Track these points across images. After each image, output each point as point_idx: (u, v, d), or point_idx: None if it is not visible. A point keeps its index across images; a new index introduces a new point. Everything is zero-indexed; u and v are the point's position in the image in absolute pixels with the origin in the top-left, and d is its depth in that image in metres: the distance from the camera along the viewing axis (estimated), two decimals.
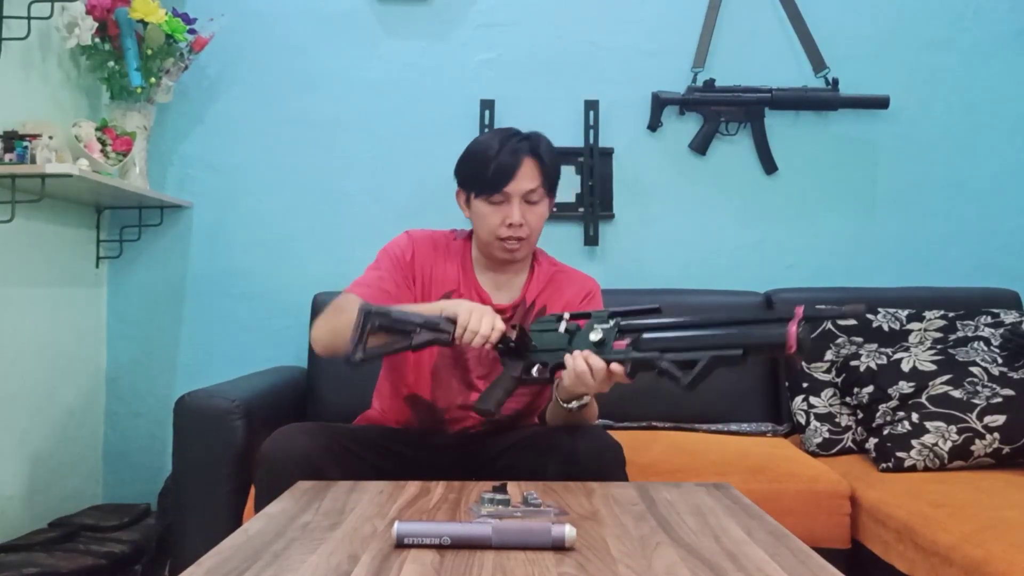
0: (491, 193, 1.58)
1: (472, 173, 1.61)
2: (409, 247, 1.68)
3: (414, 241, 1.69)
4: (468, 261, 1.70)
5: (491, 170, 1.57)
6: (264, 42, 2.57)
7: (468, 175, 1.63)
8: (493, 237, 1.61)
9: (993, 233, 2.58)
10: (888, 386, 1.96)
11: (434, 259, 1.68)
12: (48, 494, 2.23)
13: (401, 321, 1.41)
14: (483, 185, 1.59)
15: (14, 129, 1.98)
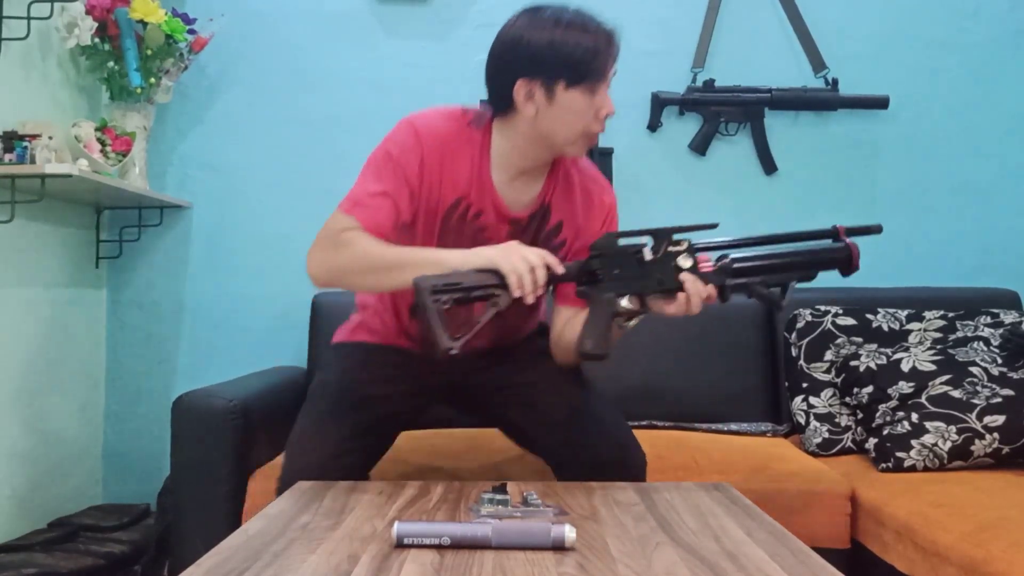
0: (595, 80, 1.36)
1: (567, 58, 1.34)
2: (416, 151, 1.40)
3: (422, 142, 1.40)
4: (485, 158, 1.44)
5: (596, 53, 1.35)
6: (264, 42, 2.57)
7: (560, 62, 1.34)
8: (582, 133, 1.40)
9: (993, 233, 2.58)
10: (888, 386, 1.96)
11: (443, 159, 1.42)
12: (48, 494, 2.23)
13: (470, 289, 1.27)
14: (584, 72, 1.35)
15: (14, 129, 1.98)
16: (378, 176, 1.41)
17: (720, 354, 2.30)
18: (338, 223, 1.41)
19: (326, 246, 1.41)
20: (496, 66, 1.40)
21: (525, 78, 1.36)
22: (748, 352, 2.32)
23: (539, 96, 1.37)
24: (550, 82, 1.36)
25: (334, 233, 1.40)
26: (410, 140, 1.40)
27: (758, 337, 2.34)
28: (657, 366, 2.29)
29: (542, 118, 1.38)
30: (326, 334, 2.32)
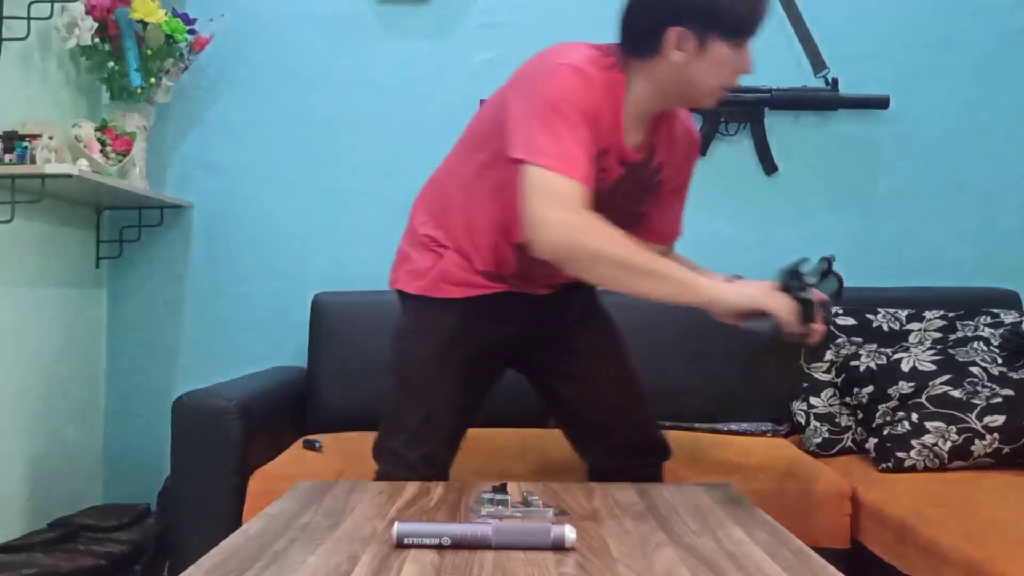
0: (747, 36, 1.38)
1: (726, 12, 1.34)
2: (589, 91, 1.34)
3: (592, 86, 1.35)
4: (620, 102, 1.40)
5: (754, 10, 1.36)
6: (264, 42, 2.57)
7: (719, 15, 1.34)
8: (719, 86, 1.40)
9: (993, 233, 2.58)
10: (888, 386, 1.96)
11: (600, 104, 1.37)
12: (48, 494, 2.23)
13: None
14: (739, 27, 1.35)
15: (14, 129, 1.98)
16: (568, 126, 1.31)
17: (720, 355, 2.30)
18: (563, 187, 1.27)
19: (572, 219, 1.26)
20: (645, 10, 1.39)
21: (678, 26, 1.35)
22: (748, 352, 2.32)
23: (690, 45, 1.36)
24: (704, 33, 1.35)
25: (570, 203, 1.27)
26: (582, 81, 1.34)
27: (758, 337, 2.33)
28: (657, 366, 2.29)
29: (689, 66, 1.37)
30: (326, 334, 2.34)
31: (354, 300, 2.37)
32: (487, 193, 1.45)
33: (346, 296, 2.38)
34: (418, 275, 1.54)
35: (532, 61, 1.40)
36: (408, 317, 1.57)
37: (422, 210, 1.58)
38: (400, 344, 1.57)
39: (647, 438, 1.62)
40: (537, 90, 1.33)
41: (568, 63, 1.34)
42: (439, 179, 1.58)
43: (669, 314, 2.36)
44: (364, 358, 2.30)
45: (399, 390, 1.55)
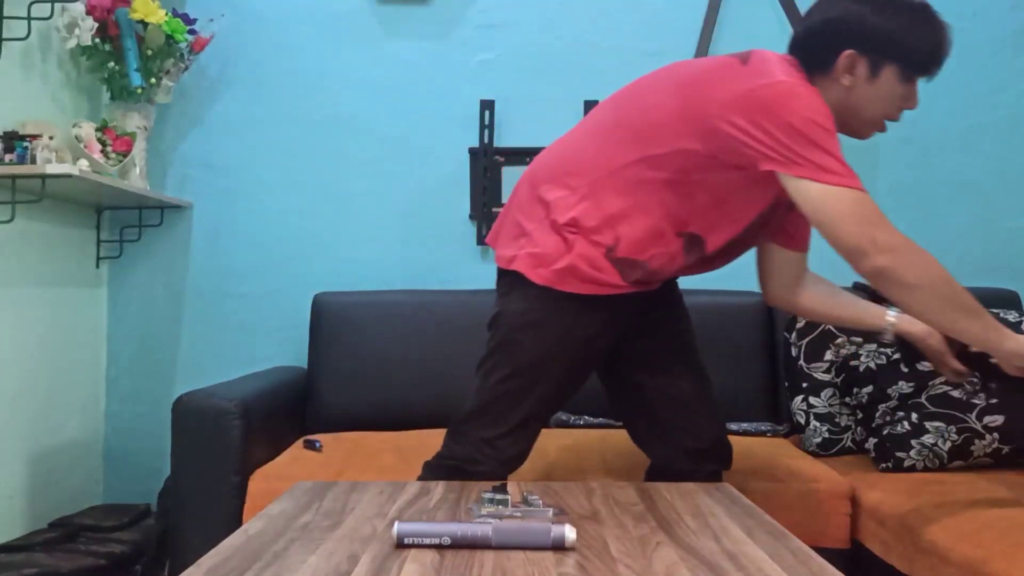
0: (925, 75, 1.39)
1: (910, 47, 1.35)
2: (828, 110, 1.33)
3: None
4: None
5: (939, 50, 1.37)
6: (264, 42, 2.58)
7: (902, 48, 1.35)
8: (881, 118, 1.40)
9: (993, 233, 2.58)
10: (888, 386, 1.96)
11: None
12: (48, 494, 2.23)
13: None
14: (920, 64, 1.37)
15: (14, 129, 1.99)
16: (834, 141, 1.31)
17: (720, 354, 2.30)
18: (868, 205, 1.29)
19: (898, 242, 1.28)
20: (828, 28, 1.38)
21: (856, 50, 1.36)
22: (748, 352, 2.32)
23: (861, 71, 1.37)
24: (879, 61, 1.36)
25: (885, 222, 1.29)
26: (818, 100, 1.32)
27: (758, 337, 2.34)
28: None
29: (856, 92, 1.38)
30: (326, 334, 2.34)
31: (354, 300, 2.37)
32: (661, 183, 1.41)
33: (346, 296, 2.38)
34: (542, 261, 1.46)
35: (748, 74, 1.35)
36: (526, 304, 1.48)
37: (557, 185, 1.47)
38: (516, 334, 1.48)
39: (716, 441, 1.59)
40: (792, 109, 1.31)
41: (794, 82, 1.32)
42: (582, 161, 1.47)
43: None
44: (364, 358, 2.30)
45: (508, 380, 1.48)
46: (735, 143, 1.34)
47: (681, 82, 1.42)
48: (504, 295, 1.52)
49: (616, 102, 1.49)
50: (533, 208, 1.49)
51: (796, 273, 1.61)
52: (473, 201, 2.56)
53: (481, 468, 1.47)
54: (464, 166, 2.57)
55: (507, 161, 2.56)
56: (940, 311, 1.30)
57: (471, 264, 2.57)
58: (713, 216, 1.43)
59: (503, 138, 2.58)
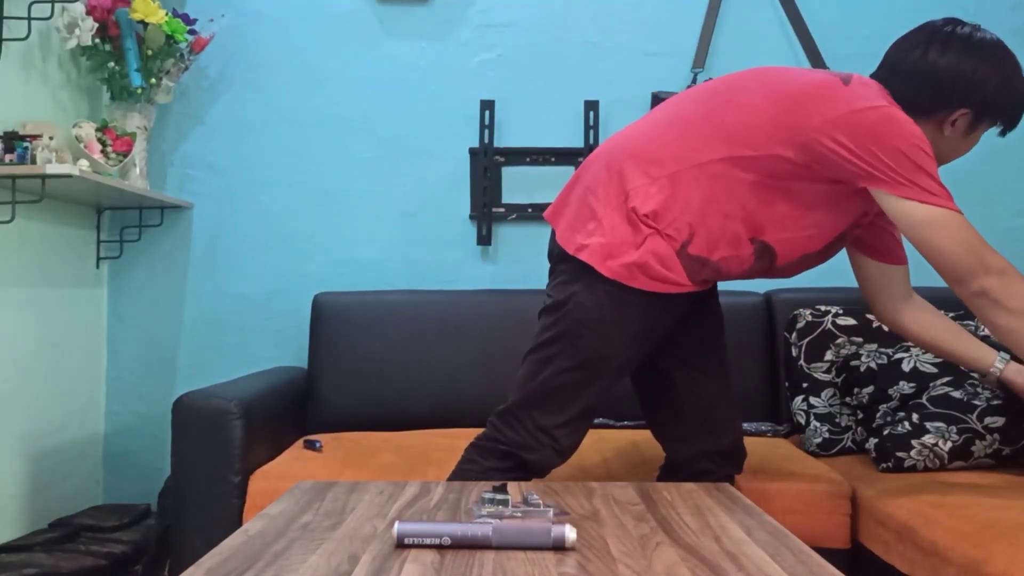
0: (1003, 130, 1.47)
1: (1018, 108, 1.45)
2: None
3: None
4: None
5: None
6: (264, 42, 2.58)
7: (1010, 113, 1.44)
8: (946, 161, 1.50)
9: (993, 233, 2.58)
10: (888, 386, 1.96)
11: None
12: (48, 494, 2.23)
13: None
14: (1007, 121, 1.45)
15: (14, 130, 1.99)
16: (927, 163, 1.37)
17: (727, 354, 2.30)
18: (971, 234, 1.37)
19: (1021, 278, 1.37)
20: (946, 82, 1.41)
21: (968, 109, 1.42)
22: (748, 352, 2.32)
23: (961, 124, 1.44)
24: (981, 120, 1.44)
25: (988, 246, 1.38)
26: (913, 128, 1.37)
27: (758, 337, 2.34)
28: None
29: (948, 141, 1.46)
30: (326, 334, 2.34)
31: (354, 300, 2.37)
32: (746, 185, 1.42)
33: (346, 296, 2.38)
34: (612, 253, 1.43)
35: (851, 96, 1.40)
36: (594, 298, 1.45)
37: (638, 172, 1.44)
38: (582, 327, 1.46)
39: (736, 444, 1.61)
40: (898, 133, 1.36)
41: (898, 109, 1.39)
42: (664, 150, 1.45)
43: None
44: (364, 358, 2.30)
45: (571, 372, 1.46)
46: (837, 159, 1.38)
47: (779, 91, 1.43)
48: (568, 283, 1.48)
49: (703, 96, 1.48)
50: (609, 191, 1.46)
51: (902, 289, 1.62)
52: (473, 201, 2.56)
53: (537, 456, 1.47)
54: (464, 166, 2.57)
55: (507, 161, 2.56)
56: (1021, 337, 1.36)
57: (471, 264, 2.57)
58: (790, 228, 1.44)
59: (503, 138, 2.58)
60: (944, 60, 1.41)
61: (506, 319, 2.33)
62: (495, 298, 2.36)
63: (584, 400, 1.48)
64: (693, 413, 1.59)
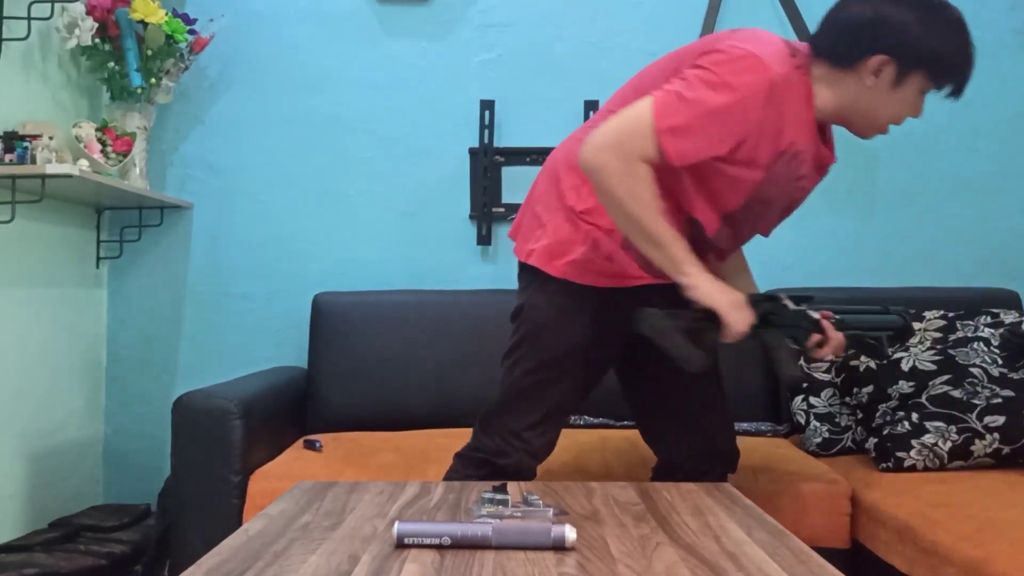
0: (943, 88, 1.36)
1: (945, 61, 1.33)
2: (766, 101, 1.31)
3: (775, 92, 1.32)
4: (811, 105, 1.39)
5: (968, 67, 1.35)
6: (264, 42, 2.58)
7: (937, 62, 1.33)
8: (889, 123, 1.39)
9: (993, 233, 2.58)
10: (888, 386, 1.96)
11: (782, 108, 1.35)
12: (48, 494, 2.23)
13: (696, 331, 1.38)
14: (947, 78, 1.35)
15: (14, 130, 1.99)
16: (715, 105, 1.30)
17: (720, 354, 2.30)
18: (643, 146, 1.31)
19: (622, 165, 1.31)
20: (866, 28, 1.34)
21: (890, 56, 1.33)
22: (748, 352, 2.32)
23: (887, 76, 1.35)
24: (908, 70, 1.34)
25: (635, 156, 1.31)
26: (764, 90, 1.31)
27: None
28: None
29: (874, 94, 1.36)
30: (326, 334, 2.34)
31: (354, 300, 2.37)
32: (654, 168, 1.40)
33: (346, 296, 2.38)
34: (556, 253, 1.47)
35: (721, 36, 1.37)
36: (546, 299, 1.49)
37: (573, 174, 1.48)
38: (538, 328, 1.50)
39: (723, 445, 1.59)
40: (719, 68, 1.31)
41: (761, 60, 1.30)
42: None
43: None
44: (364, 358, 2.30)
45: (532, 373, 1.49)
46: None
47: (668, 56, 1.43)
48: (524, 288, 1.54)
49: (622, 90, 1.50)
50: (550, 198, 1.50)
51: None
52: (473, 201, 2.56)
53: (509, 460, 1.49)
54: (464, 166, 2.57)
55: (507, 161, 2.56)
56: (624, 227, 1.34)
57: (471, 264, 2.57)
58: (704, 198, 1.42)
59: (503, 138, 2.58)
60: (864, 7, 1.36)
61: (506, 319, 2.31)
62: (495, 298, 2.36)
63: (550, 400, 1.49)
64: (684, 414, 1.59)
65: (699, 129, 1.30)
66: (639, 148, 1.31)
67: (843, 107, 1.39)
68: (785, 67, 1.33)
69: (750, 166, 1.36)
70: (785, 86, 1.33)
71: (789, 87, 1.33)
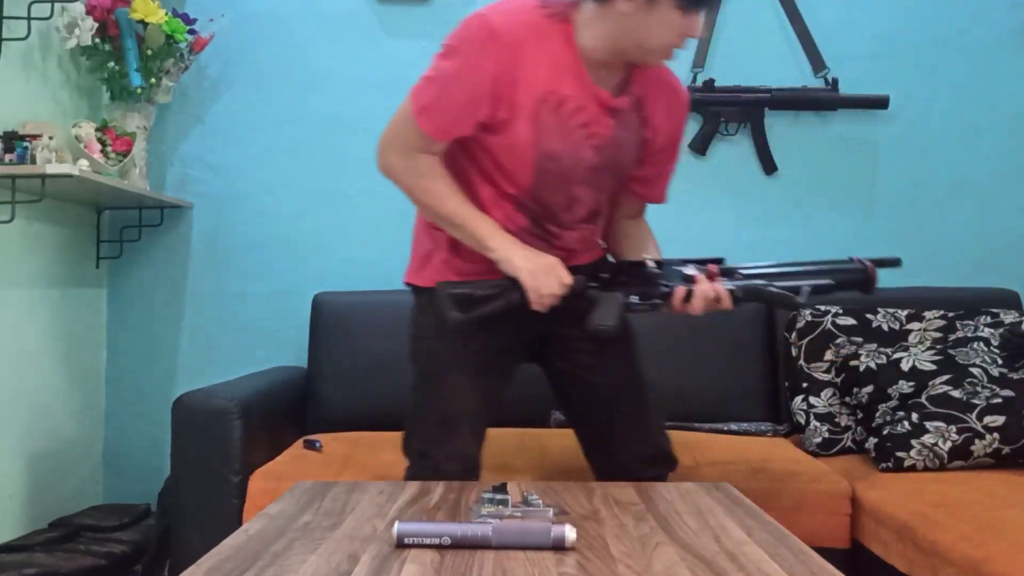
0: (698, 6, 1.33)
1: None
2: (490, 51, 1.34)
3: (497, 40, 1.34)
4: (571, 48, 1.39)
5: None
6: (264, 42, 2.58)
7: None
8: (665, 49, 1.36)
9: (993, 233, 2.58)
10: (888, 386, 1.96)
11: (521, 55, 1.35)
12: (48, 494, 2.23)
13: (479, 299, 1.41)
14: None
15: (14, 130, 1.99)
16: (449, 75, 1.39)
17: (720, 354, 2.30)
18: (410, 134, 1.43)
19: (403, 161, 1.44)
20: None
21: None
22: (748, 352, 2.32)
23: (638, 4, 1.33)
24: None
25: (410, 147, 1.43)
26: (485, 39, 1.35)
27: (758, 337, 2.34)
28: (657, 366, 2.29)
29: (635, 20, 1.34)
30: (326, 334, 2.34)
31: (354, 300, 2.37)
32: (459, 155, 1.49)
33: (346, 296, 2.38)
34: (422, 265, 1.56)
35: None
36: (416, 312, 1.57)
37: None
38: (415, 340, 1.56)
39: (654, 448, 1.59)
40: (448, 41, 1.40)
41: (481, 16, 1.36)
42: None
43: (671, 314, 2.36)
44: (364, 358, 2.30)
45: (419, 387, 1.54)
46: None
47: None
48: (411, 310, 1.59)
49: None
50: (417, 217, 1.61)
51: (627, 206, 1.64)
52: None
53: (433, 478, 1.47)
54: None
55: None
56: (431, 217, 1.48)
57: None
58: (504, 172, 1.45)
59: None
60: None
61: None
62: None
63: (440, 408, 1.50)
64: (600, 421, 1.58)
65: (444, 100, 1.39)
66: (411, 139, 1.42)
67: (614, 41, 1.37)
68: (522, 16, 1.36)
69: (513, 126, 1.39)
70: (523, 33, 1.35)
71: (530, 34, 1.35)
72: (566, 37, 1.39)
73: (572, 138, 1.42)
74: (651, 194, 1.63)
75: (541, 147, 1.41)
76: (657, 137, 1.53)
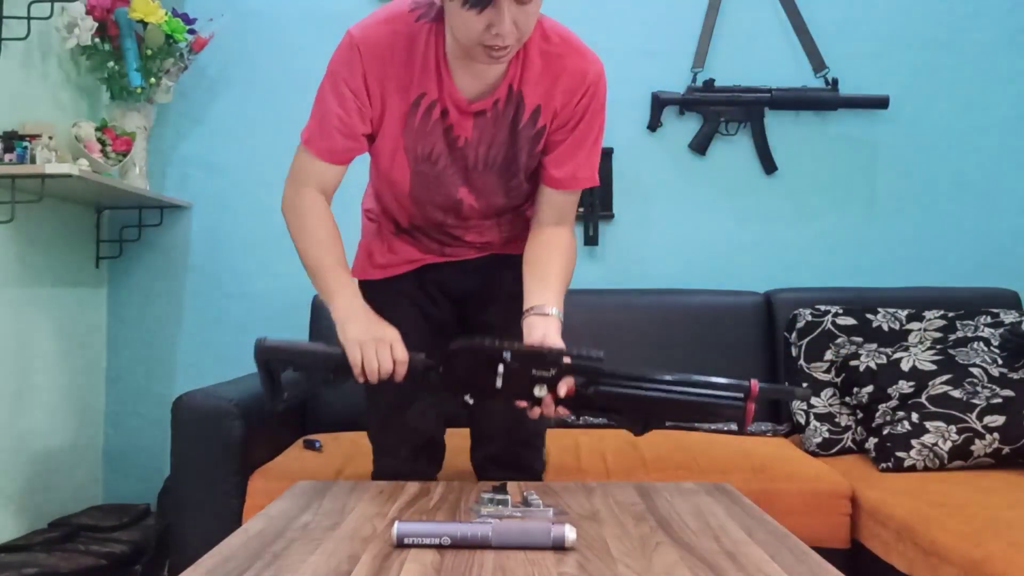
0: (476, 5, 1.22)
1: None
2: (356, 64, 1.39)
3: (361, 52, 1.38)
4: (440, 48, 1.36)
5: None
6: (264, 42, 2.57)
7: None
8: (475, 44, 1.27)
9: (993, 233, 2.58)
10: (888, 386, 1.96)
11: (387, 63, 1.37)
12: (48, 494, 2.23)
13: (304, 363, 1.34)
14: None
15: (14, 129, 1.99)
16: (324, 98, 1.44)
17: (720, 354, 2.30)
18: (303, 162, 1.45)
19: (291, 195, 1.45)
20: None
21: None
22: (748, 352, 2.32)
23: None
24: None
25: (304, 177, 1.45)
26: (349, 54, 1.40)
27: (758, 337, 2.34)
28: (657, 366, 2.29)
29: (450, 16, 1.29)
30: (326, 334, 2.33)
31: None
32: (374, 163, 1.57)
33: None
34: (355, 257, 1.60)
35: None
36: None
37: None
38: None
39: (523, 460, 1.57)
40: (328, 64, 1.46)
41: (348, 32, 1.40)
42: None
43: (671, 314, 2.36)
44: None
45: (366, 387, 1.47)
46: None
47: None
48: None
49: None
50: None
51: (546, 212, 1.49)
52: None
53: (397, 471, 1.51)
54: None
55: None
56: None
57: None
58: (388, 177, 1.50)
59: None
60: None
61: None
62: None
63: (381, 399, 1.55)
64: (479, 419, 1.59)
65: (325, 123, 1.42)
66: (304, 167, 1.44)
67: (454, 38, 1.31)
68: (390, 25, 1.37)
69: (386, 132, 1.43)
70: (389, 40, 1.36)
71: (398, 40, 1.36)
72: (436, 38, 1.36)
73: (442, 141, 1.41)
74: (568, 177, 1.48)
75: (412, 151, 1.43)
76: (552, 124, 1.47)
